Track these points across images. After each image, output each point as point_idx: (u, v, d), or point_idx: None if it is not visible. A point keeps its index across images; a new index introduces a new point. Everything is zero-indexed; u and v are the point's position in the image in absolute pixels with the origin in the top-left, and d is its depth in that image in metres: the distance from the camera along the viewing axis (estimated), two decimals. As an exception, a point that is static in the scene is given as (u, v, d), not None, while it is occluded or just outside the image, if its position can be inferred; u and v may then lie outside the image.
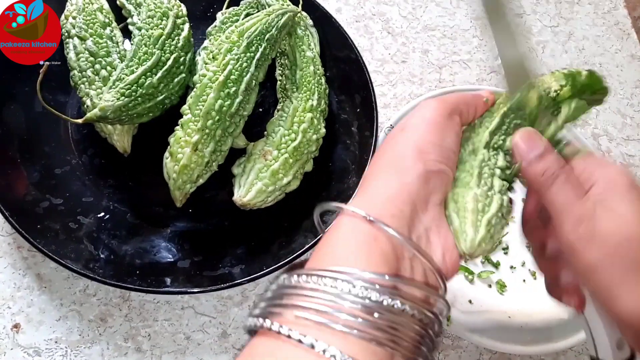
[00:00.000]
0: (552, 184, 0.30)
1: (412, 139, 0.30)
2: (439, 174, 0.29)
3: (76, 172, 0.48)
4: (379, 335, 0.22)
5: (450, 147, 0.30)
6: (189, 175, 0.44)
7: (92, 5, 0.49)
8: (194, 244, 0.47)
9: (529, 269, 0.51)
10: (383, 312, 0.23)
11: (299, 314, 0.23)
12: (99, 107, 0.43)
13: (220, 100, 0.44)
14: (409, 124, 0.31)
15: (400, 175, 0.28)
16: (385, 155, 0.31)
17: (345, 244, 0.26)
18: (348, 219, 0.27)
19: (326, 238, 0.27)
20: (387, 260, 0.25)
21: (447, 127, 0.31)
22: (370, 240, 0.26)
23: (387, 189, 0.28)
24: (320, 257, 0.26)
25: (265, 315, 0.24)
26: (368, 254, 0.25)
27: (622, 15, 0.71)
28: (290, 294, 0.24)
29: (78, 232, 0.45)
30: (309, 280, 0.24)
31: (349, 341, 0.22)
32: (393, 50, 0.63)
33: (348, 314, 0.22)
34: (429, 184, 0.29)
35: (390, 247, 0.26)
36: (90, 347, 0.44)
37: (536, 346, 0.45)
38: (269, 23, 0.47)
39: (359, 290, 0.23)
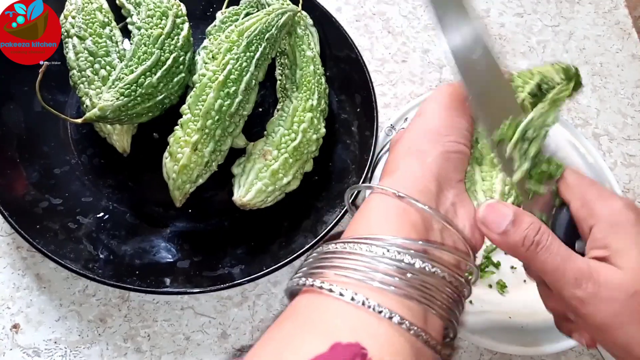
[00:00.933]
0: (536, 252, 0.28)
1: (429, 123, 0.31)
2: (457, 154, 0.31)
3: (75, 172, 0.48)
4: (413, 292, 0.24)
5: (466, 126, 0.31)
6: (188, 175, 0.44)
7: (91, 5, 0.49)
8: (193, 244, 0.47)
9: (530, 269, 0.51)
10: (416, 273, 0.25)
11: (339, 272, 0.25)
12: (98, 107, 0.43)
13: (220, 99, 0.44)
14: (426, 109, 0.32)
15: (422, 156, 0.30)
16: (404, 141, 0.32)
17: (377, 216, 0.28)
18: (378, 197, 0.29)
19: (359, 213, 0.29)
20: (418, 230, 0.27)
21: (460, 109, 0.32)
22: (401, 212, 0.27)
23: (410, 170, 0.30)
24: (355, 228, 0.28)
25: (308, 275, 0.26)
26: (399, 224, 0.27)
27: (622, 15, 0.71)
28: (330, 258, 0.26)
29: (77, 232, 0.45)
30: (346, 246, 0.26)
31: (385, 296, 0.24)
32: (393, 49, 0.63)
33: (384, 273, 0.24)
34: (449, 163, 0.30)
35: (420, 219, 0.27)
36: (89, 347, 0.44)
37: (537, 346, 0.45)
38: (268, 22, 0.47)
39: (392, 253, 0.25)
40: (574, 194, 0.30)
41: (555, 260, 0.27)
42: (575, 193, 0.30)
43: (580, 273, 0.27)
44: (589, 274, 0.27)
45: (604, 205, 0.28)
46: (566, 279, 0.27)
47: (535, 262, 0.28)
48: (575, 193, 0.30)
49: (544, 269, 0.28)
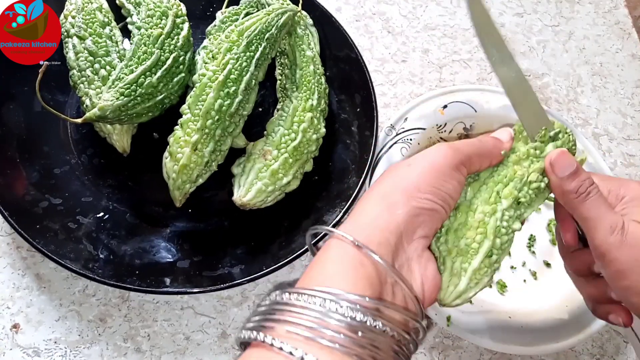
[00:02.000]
0: (585, 200, 0.33)
1: (413, 177, 0.32)
2: (430, 211, 0.31)
3: (75, 172, 0.48)
4: (361, 351, 0.25)
5: (449, 192, 0.32)
6: (188, 175, 0.44)
7: (91, 5, 0.49)
8: (193, 244, 0.47)
9: (530, 269, 0.51)
10: (366, 331, 0.25)
11: (290, 329, 0.25)
12: (98, 107, 0.43)
13: (220, 99, 0.44)
14: (416, 162, 0.33)
15: (393, 207, 0.30)
16: (383, 185, 0.32)
17: (333, 266, 0.28)
18: (337, 243, 0.29)
19: (316, 259, 0.29)
20: (372, 283, 0.27)
21: (450, 176, 0.32)
22: (357, 264, 0.28)
23: (377, 218, 0.30)
24: (311, 277, 0.28)
25: (259, 329, 0.25)
26: (354, 277, 0.27)
27: (622, 15, 0.71)
28: (282, 310, 0.26)
29: (77, 232, 0.45)
30: (300, 298, 0.26)
31: (334, 355, 0.24)
32: (393, 49, 0.63)
33: (334, 330, 0.25)
34: (417, 218, 0.31)
35: (375, 272, 0.28)
36: (89, 347, 0.44)
37: (537, 346, 0.45)
38: (268, 22, 0.47)
39: (344, 310, 0.25)
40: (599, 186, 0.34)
41: (599, 209, 0.32)
42: (600, 185, 0.34)
43: (615, 223, 0.32)
44: (621, 225, 0.32)
45: (627, 188, 0.34)
46: (602, 226, 0.32)
47: (581, 208, 0.33)
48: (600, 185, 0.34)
49: (588, 215, 0.33)
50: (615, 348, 0.51)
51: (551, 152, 0.35)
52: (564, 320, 0.46)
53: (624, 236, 0.31)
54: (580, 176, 0.33)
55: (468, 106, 0.55)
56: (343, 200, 0.47)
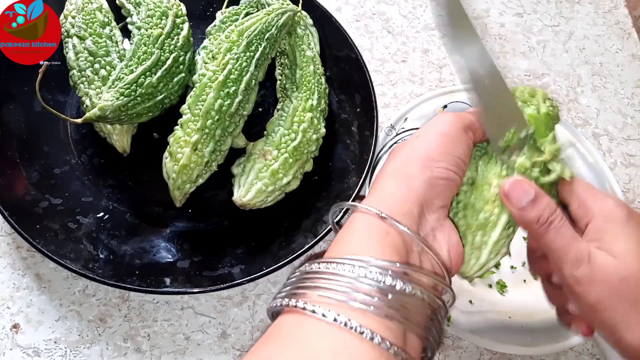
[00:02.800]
0: (547, 231, 0.31)
1: (423, 148, 0.32)
2: (446, 180, 0.31)
3: (75, 172, 0.48)
4: (393, 312, 0.25)
5: (460, 156, 0.32)
6: (188, 175, 0.44)
7: (91, 5, 0.49)
8: (193, 244, 0.47)
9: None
10: (396, 294, 0.25)
11: (322, 293, 0.25)
12: (98, 107, 0.43)
13: (220, 99, 0.44)
14: (423, 133, 0.33)
15: (410, 179, 0.31)
16: (396, 161, 0.33)
17: (360, 237, 0.28)
18: (362, 216, 0.29)
19: (342, 232, 0.29)
20: (398, 251, 0.28)
21: (459, 140, 0.32)
22: (383, 234, 0.28)
23: (397, 192, 0.30)
24: (338, 248, 0.29)
25: (291, 296, 0.26)
26: (381, 246, 0.27)
27: (622, 15, 0.71)
28: (312, 278, 0.26)
29: (77, 232, 0.45)
30: (329, 266, 0.26)
31: (366, 316, 0.24)
32: (393, 49, 0.63)
33: (365, 294, 0.25)
34: (435, 189, 0.31)
35: (400, 241, 0.28)
36: (89, 347, 0.44)
37: (537, 346, 0.45)
38: (268, 22, 0.47)
39: (374, 275, 0.25)
40: (572, 196, 0.33)
41: (562, 240, 0.30)
42: (573, 195, 0.33)
43: (581, 255, 0.30)
44: (587, 256, 0.30)
45: (598, 204, 0.32)
46: (568, 258, 0.30)
47: (545, 239, 0.31)
48: (573, 195, 0.33)
49: (551, 246, 0.31)
50: (615, 348, 0.51)
51: (504, 183, 0.32)
52: (564, 320, 0.46)
53: (592, 270, 0.29)
54: (539, 204, 0.31)
55: (468, 106, 0.55)
56: (344, 200, 0.47)
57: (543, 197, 0.32)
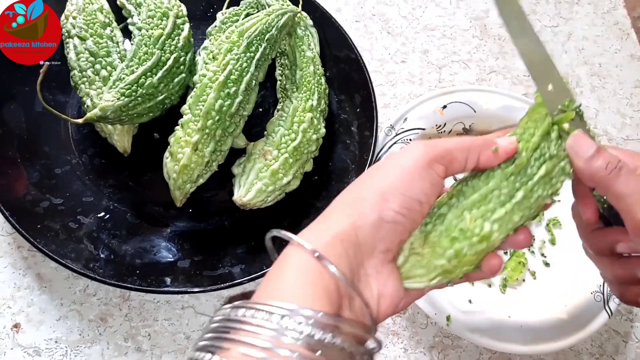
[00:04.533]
0: (618, 175, 0.30)
1: (379, 183, 0.30)
2: (393, 224, 0.29)
3: (76, 172, 0.48)
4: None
5: (417, 197, 0.29)
6: (189, 175, 0.44)
7: (92, 5, 0.49)
8: (194, 243, 0.47)
9: (529, 268, 0.51)
10: (322, 348, 0.24)
11: (244, 350, 0.24)
12: (99, 107, 0.43)
13: (220, 100, 0.44)
14: (384, 165, 0.31)
15: (356, 217, 0.29)
16: (351, 192, 0.31)
17: (291, 278, 0.27)
18: (297, 251, 0.28)
19: (274, 268, 0.28)
20: (330, 297, 0.26)
21: (420, 177, 0.29)
22: (316, 276, 0.27)
23: (339, 228, 0.29)
24: (268, 289, 0.28)
25: (213, 349, 0.25)
26: (313, 291, 0.26)
27: (621, 15, 0.71)
28: (236, 329, 0.25)
29: (78, 232, 0.45)
30: (256, 315, 0.25)
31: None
32: (393, 50, 0.63)
33: (290, 350, 0.24)
34: (379, 232, 0.29)
35: (333, 284, 0.27)
36: (90, 346, 0.44)
37: (536, 346, 0.45)
38: (269, 23, 0.48)
39: (301, 327, 0.24)
40: None
41: (635, 184, 0.30)
42: None
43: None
44: None
45: None
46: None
47: (615, 185, 0.30)
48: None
49: (623, 191, 0.30)
50: (615, 347, 0.51)
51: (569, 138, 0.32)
52: (563, 319, 0.47)
53: None
54: (605, 153, 0.31)
55: (467, 106, 0.55)
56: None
57: (605, 149, 0.32)
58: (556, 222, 0.54)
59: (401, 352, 0.48)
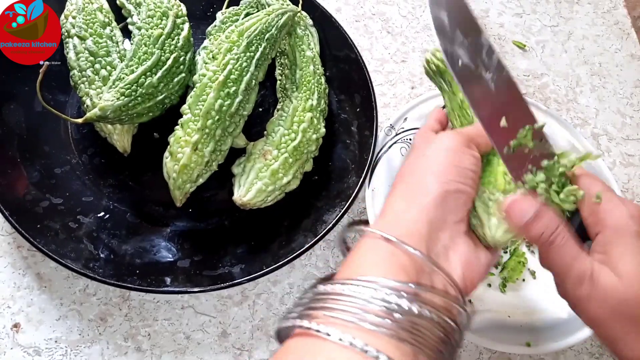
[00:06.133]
0: (550, 247, 0.31)
1: (431, 164, 0.32)
2: (457, 193, 0.31)
3: (76, 172, 0.48)
4: (402, 333, 0.25)
5: (469, 167, 0.32)
6: (188, 175, 0.44)
7: (92, 5, 0.49)
8: (193, 243, 0.47)
9: (529, 268, 0.51)
10: (408, 315, 0.25)
11: (329, 314, 0.25)
12: (99, 107, 0.43)
13: (220, 99, 0.44)
14: (429, 151, 0.33)
15: (419, 198, 0.31)
16: (405, 180, 0.33)
17: (368, 259, 0.29)
18: (369, 240, 0.29)
19: (351, 255, 0.30)
20: (407, 272, 0.28)
21: (463, 153, 0.33)
22: (390, 255, 0.28)
23: (406, 211, 0.30)
24: (348, 271, 0.29)
25: (302, 317, 0.26)
26: (389, 267, 0.28)
27: (621, 15, 0.71)
28: (322, 299, 0.26)
29: (78, 232, 0.45)
30: (337, 287, 0.26)
31: (375, 337, 0.24)
32: (393, 49, 0.63)
33: (375, 314, 0.25)
34: (446, 204, 0.31)
35: (409, 262, 0.28)
36: (90, 346, 0.44)
37: (536, 346, 0.45)
38: (268, 23, 0.48)
39: (382, 295, 0.26)
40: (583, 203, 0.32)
41: (565, 258, 0.30)
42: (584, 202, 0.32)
43: (583, 273, 0.30)
44: (590, 275, 0.30)
45: (610, 215, 0.31)
46: (570, 277, 0.30)
47: (548, 255, 0.31)
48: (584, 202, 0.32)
49: (553, 264, 0.31)
50: (614, 347, 0.51)
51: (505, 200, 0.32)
52: (563, 319, 0.47)
53: (592, 288, 0.29)
54: (541, 222, 0.31)
55: (467, 106, 0.55)
56: (343, 200, 0.47)
57: (544, 214, 0.31)
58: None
59: (401, 351, 0.48)
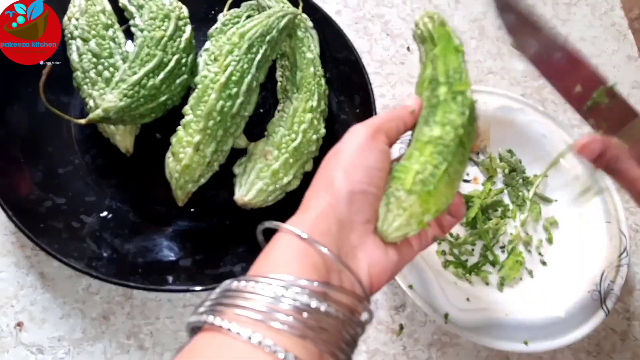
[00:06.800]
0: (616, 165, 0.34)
1: (341, 163, 0.33)
2: (363, 194, 0.32)
3: (79, 172, 0.49)
4: (309, 332, 0.25)
5: (375, 165, 0.32)
6: (190, 175, 0.45)
7: (94, 7, 0.49)
8: (195, 242, 0.47)
9: (526, 267, 0.52)
10: (314, 313, 0.26)
11: (239, 312, 0.25)
12: (102, 108, 0.43)
13: (222, 101, 0.44)
14: (340, 148, 0.34)
15: (329, 196, 0.31)
16: (319, 178, 0.33)
17: (280, 256, 0.29)
18: (284, 236, 0.30)
19: (265, 251, 0.30)
20: (318, 271, 0.28)
21: (370, 148, 0.33)
22: (302, 253, 0.28)
23: (317, 209, 0.31)
24: (260, 267, 0.29)
25: (209, 313, 0.26)
26: (301, 265, 0.28)
27: (618, 17, 0.71)
28: (232, 296, 0.27)
29: (81, 231, 0.45)
30: (248, 285, 0.27)
31: (282, 336, 0.25)
32: (392, 51, 0.64)
33: (283, 313, 0.25)
34: (354, 205, 0.31)
35: (320, 260, 0.28)
36: (92, 344, 0.44)
37: (533, 344, 0.46)
38: (269, 25, 0.48)
39: (293, 294, 0.26)
40: None
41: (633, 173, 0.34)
42: None
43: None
44: None
45: None
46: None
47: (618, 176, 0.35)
48: None
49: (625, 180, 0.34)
50: (612, 345, 0.51)
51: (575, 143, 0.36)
52: (561, 317, 0.47)
53: None
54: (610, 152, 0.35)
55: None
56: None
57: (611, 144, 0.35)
58: (553, 221, 0.54)
59: (400, 349, 0.48)
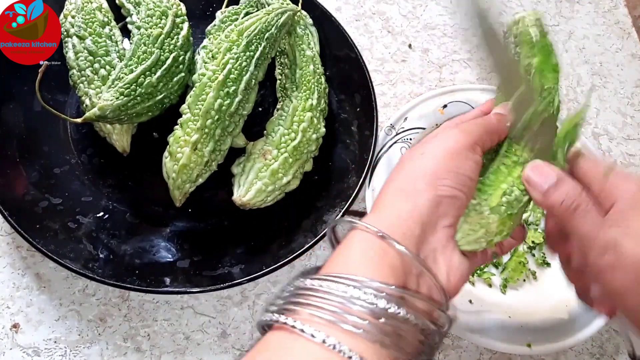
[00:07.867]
0: (574, 214, 0.30)
1: (429, 165, 0.31)
2: (451, 199, 0.31)
3: (75, 172, 0.48)
4: (384, 338, 0.24)
5: (468, 174, 0.31)
6: (188, 175, 0.44)
7: (91, 4, 0.49)
8: (193, 243, 0.47)
9: (529, 268, 0.51)
10: (389, 318, 0.25)
11: (313, 312, 0.25)
12: (98, 107, 0.43)
13: (220, 99, 0.44)
14: (429, 150, 0.33)
15: (413, 197, 0.30)
16: (400, 178, 0.32)
17: (357, 255, 0.28)
18: (360, 234, 0.29)
19: (339, 249, 0.29)
20: (395, 273, 0.27)
21: (467, 157, 0.32)
22: (381, 254, 0.27)
23: (399, 209, 0.30)
24: (334, 265, 0.28)
25: (282, 312, 0.26)
26: (378, 266, 0.27)
27: (622, 14, 0.71)
28: (305, 295, 0.26)
29: (77, 232, 0.45)
30: (323, 284, 0.26)
31: (356, 340, 0.24)
32: (393, 49, 0.63)
33: (357, 316, 0.24)
34: (439, 208, 0.30)
35: (398, 262, 0.28)
36: (89, 347, 0.44)
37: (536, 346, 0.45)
38: (268, 22, 0.47)
39: (368, 296, 0.25)
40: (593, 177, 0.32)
41: (589, 225, 0.30)
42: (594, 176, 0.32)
43: (607, 242, 0.29)
44: (614, 244, 0.29)
45: (623, 187, 0.30)
46: (595, 245, 0.29)
47: (571, 222, 0.30)
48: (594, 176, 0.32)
49: (577, 231, 0.30)
50: (615, 347, 0.51)
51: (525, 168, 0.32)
52: (564, 319, 0.47)
53: (617, 257, 0.29)
54: (563, 186, 0.31)
55: (468, 106, 0.55)
56: (343, 200, 0.47)
57: (566, 180, 0.31)
58: (557, 221, 0.54)
59: (401, 352, 0.48)
